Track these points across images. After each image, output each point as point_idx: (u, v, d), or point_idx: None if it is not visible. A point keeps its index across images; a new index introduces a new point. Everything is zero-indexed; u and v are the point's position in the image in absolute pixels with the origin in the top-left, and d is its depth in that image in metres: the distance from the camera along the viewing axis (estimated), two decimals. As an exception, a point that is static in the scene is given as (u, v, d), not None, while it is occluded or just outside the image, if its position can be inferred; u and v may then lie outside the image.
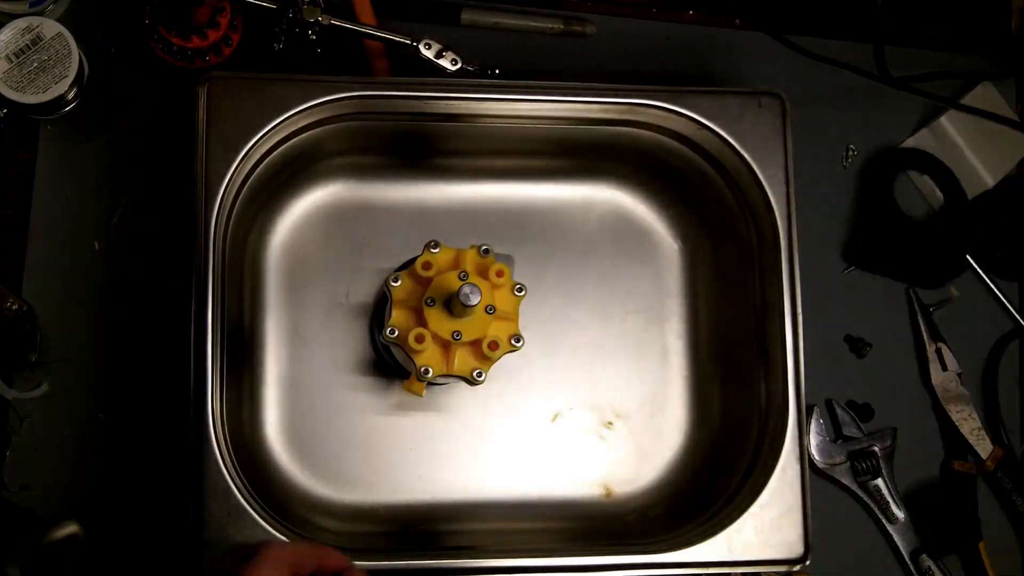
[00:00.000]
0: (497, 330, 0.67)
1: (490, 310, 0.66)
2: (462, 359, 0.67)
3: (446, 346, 0.66)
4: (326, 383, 0.78)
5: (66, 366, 0.76)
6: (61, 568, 0.72)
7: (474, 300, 0.63)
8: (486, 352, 0.67)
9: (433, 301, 0.66)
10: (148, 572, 0.75)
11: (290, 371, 0.78)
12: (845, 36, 0.90)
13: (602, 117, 0.78)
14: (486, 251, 0.68)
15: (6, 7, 0.77)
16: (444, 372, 0.67)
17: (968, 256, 0.88)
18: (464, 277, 0.65)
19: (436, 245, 0.68)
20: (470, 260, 0.68)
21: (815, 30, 0.89)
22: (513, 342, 0.67)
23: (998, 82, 0.90)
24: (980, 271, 0.88)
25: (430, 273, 0.67)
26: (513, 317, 0.68)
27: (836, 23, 0.90)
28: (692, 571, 0.71)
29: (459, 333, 0.65)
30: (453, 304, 0.65)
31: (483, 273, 0.68)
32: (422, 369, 0.66)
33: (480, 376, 0.68)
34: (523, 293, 0.69)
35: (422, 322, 0.66)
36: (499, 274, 0.67)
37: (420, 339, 0.65)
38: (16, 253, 0.77)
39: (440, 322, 0.66)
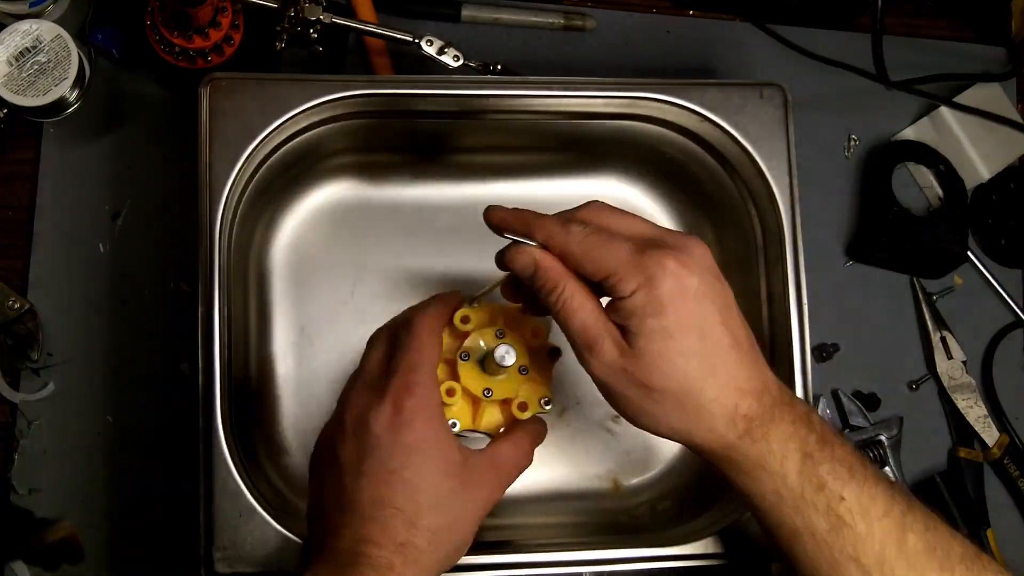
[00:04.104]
0: (528, 391, 0.65)
1: (523, 371, 0.64)
2: (490, 416, 0.65)
3: (476, 402, 0.65)
4: (333, 381, 0.78)
5: (73, 368, 0.76)
6: (58, 568, 0.73)
7: (509, 361, 0.61)
8: (515, 412, 0.64)
9: (468, 356, 0.64)
10: (158, 574, 0.75)
11: (297, 370, 0.78)
12: (846, 27, 0.90)
13: (604, 111, 0.78)
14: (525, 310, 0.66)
15: (6, 7, 0.77)
16: (471, 427, 0.65)
17: (970, 246, 0.88)
18: (500, 335, 0.64)
19: (475, 300, 0.66)
20: (508, 316, 0.66)
21: (815, 22, 0.89)
22: (543, 404, 0.65)
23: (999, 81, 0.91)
24: (979, 263, 0.88)
25: (468, 327, 0.65)
26: (545, 379, 0.66)
27: (836, 17, 0.90)
28: (702, 563, 0.71)
29: (490, 391, 0.64)
30: (487, 362, 0.63)
31: (520, 331, 0.65)
32: (449, 422, 0.63)
33: (548, 405, 0.66)
34: (558, 357, 0.66)
35: (454, 376, 0.64)
36: (535, 334, 0.65)
37: (451, 393, 0.63)
38: (21, 255, 0.77)
39: (472, 378, 0.64)
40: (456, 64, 0.78)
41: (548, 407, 0.65)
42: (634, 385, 0.57)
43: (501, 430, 0.65)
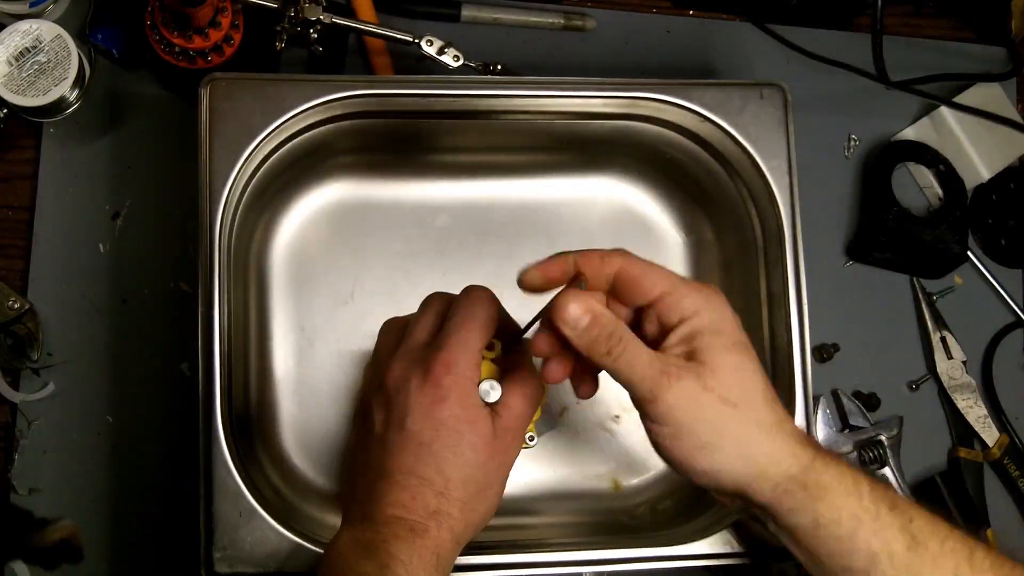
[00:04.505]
0: None
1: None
2: None
3: None
4: (333, 381, 0.78)
5: (73, 368, 0.76)
6: (58, 568, 0.73)
7: (492, 397, 0.61)
8: None
9: None
10: (158, 574, 0.75)
11: (297, 370, 0.78)
12: (846, 27, 0.90)
13: (604, 111, 0.78)
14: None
15: (6, 7, 0.77)
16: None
17: (970, 246, 0.88)
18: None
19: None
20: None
21: (815, 22, 0.89)
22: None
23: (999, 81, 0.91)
24: (979, 263, 0.88)
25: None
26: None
27: (836, 17, 0.90)
28: (702, 563, 0.71)
29: None
30: None
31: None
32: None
33: (532, 440, 0.70)
34: (534, 440, 0.71)
35: None
36: (490, 347, 0.64)
37: None
38: (21, 255, 0.77)
39: None
40: (456, 64, 0.78)
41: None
42: (714, 404, 0.55)
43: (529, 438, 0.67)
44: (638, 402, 0.56)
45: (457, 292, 0.63)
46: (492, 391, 0.61)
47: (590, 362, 0.56)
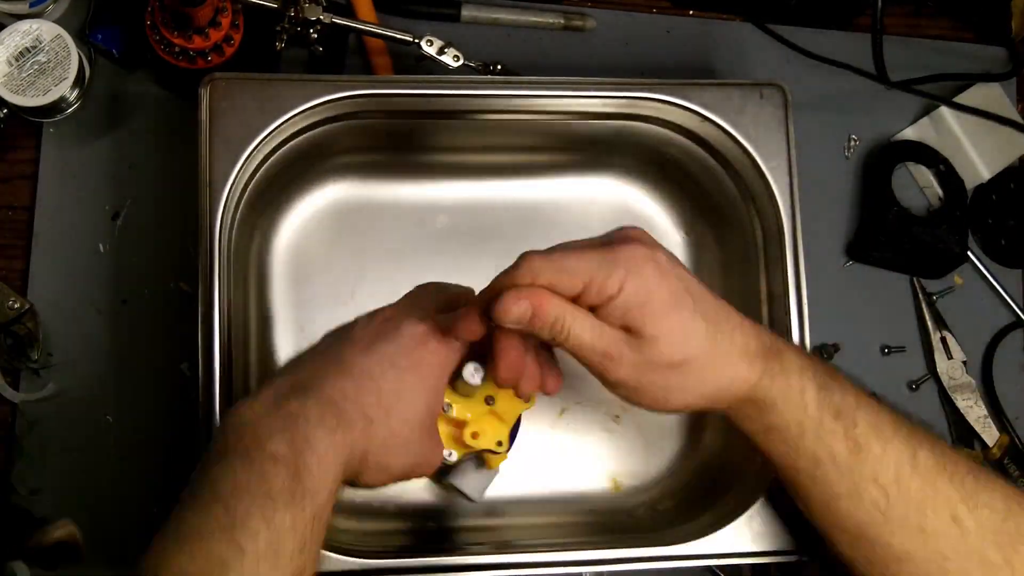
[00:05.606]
0: (487, 424, 0.67)
1: (489, 401, 0.67)
2: (443, 433, 0.67)
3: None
4: (333, 381, 0.78)
5: (73, 368, 0.76)
6: (58, 568, 0.73)
7: (476, 379, 0.63)
8: (466, 439, 0.67)
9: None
10: (158, 573, 0.75)
11: (297, 370, 0.78)
12: (846, 27, 0.90)
13: (604, 111, 0.78)
14: None
15: (6, 7, 0.77)
16: None
17: (970, 246, 0.88)
18: (491, 401, 0.67)
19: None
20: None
21: (815, 22, 0.90)
22: (496, 444, 0.67)
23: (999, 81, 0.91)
24: (979, 263, 0.88)
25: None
26: (508, 421, 0.68)
27: (836, 17, 0.90)
28: (701, 563, 0.71)
29: (449, 406, 0.66)
30: (458, 383, 0.65)
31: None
32: None
33: (451, 456, 0.68)
34: (530, 403, 0.68)
35: None
36: (525, 396, 0.66)
37: None
38: (21, 255, 0.77)
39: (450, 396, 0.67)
40: (456, 64, 0.79)
41: (500, 448, 0.68)
42: (659, 369, 0.58)
43: (448, 453, 0.67)
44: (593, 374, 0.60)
45: None
46: (476, 373, 0.63)
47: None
